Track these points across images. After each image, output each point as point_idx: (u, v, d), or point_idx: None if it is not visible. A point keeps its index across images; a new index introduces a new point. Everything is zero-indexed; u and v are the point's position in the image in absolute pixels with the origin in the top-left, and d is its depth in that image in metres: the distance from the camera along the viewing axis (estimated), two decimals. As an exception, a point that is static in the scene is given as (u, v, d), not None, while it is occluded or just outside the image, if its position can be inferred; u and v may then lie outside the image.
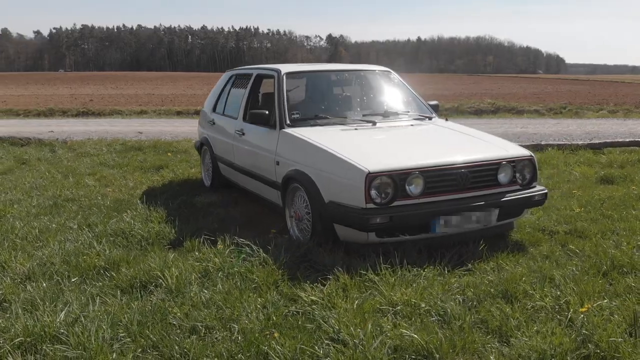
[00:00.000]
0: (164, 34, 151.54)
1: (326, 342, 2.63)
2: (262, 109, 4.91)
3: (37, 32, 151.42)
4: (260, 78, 5.48)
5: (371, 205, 3.67)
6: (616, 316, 2.79)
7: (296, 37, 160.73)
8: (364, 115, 4.83)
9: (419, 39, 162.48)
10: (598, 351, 2.52)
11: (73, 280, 3.51)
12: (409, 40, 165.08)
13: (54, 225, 4.74)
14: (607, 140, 8.35)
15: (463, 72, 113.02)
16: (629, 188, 5.81)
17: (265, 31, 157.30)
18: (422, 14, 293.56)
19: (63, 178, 6.96)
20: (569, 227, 4.51)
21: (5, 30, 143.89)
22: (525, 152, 4.22)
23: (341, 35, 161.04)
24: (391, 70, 5.56)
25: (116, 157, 8.26)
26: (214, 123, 6.17)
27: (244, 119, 5.30)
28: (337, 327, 2.74)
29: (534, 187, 4.23)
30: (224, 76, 6.42)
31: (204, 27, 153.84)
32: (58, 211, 5.28)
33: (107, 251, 3.97)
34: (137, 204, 5.42)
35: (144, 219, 4.84)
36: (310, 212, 4.04)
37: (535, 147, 8.30)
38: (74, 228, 4.63)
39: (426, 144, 4.32)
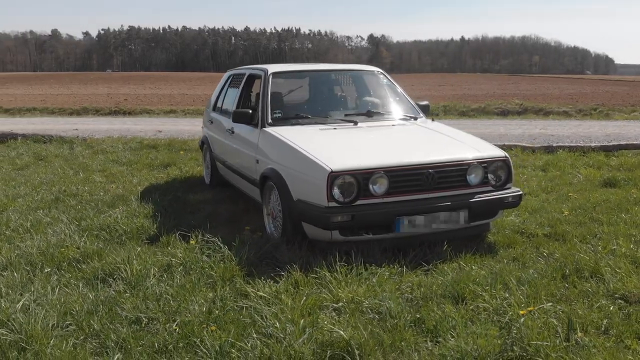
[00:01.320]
0: (208, 35, 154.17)
1: (257, 336, 2.69)
2: (248, 108, 5.00)
3: (86, 33, 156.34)
4: (252, 78, 5.57)
5: (333, 204, 3.71)
6: (554, 320, 2.74)
7: (337, 37, 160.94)
8: (346, 115, 4.85)
9: (462, 38, 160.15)
10: (524, 354, 2.49)
11: (46, 270, 3.67)
12: (452, 39, 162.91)
13: (47, 218, 4.94)
14: (621, 143, 8.10)
15: (508, 73, 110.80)
16: (629, 192, 5.65)
17: (307, 32, 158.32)
18: (467, 13, 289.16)
19: (74, 174, 7.22)
20: (550, 230, 4.42)
21: (55, 32, 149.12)
22: (500, 153, 4.17)
23: (383, 35, 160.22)
24: (381, 71, 5.56)
25: (129, 155, 8.50)
26: (212, 122, 6.30)
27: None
28: (272, 322, 2.79)
29: (509, 188, 4.17)
30: (225, 76, 6.54)
31: (247, 29, 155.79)
32: (57, 206, 5.50)
33: (86, 244, 4.12)
34: (132, 200, 5.59)
35: (132, 214, 5.00)
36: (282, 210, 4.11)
37: (546, 149, 8.14)
38: (64, 222, 4.82)
39: (398, 144, 4.31)
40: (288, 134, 4.39)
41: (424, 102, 5.44)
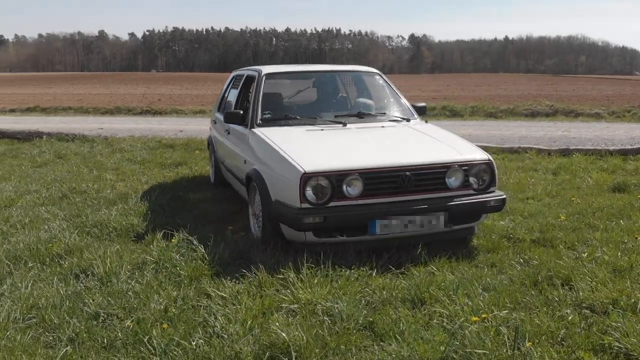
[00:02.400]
0: (249, 37, 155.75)
1: (204, 335, 2.72)
2: (243, 109, 5.05)
3: (132, 34, 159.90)
4: (249, 79, 5.62)
5: (306, 205, 3.70)
6: (504, 329, 2.67)
7: (378, 37, 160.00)
8: (335, 117, 4.84)
9: (506, 38, 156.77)
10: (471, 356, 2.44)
11: (29, 265, 3.80)
12: (495, 39, 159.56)
13: (47, 215, 5.10)
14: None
15: (553, 73, 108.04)
16: (636, 197, 5.44)
17: (347, 32, 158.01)
18: (511, 12, 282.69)
19: (88, 172, 7.42)
20: (539, 236, 4.31)
21: (102, 32, 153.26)
22: (482, 156, 4.08)
23: (424, 35, 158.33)
24: (378, 72, 5.52)
25: (145, 154, 8.68)
26: (215, 122, 6.38)
27: (228, 119, 5.46)
28: (222, 322, 2.82)
29: (492, 192, 4.08)
30: (230, 76, 6.61)
31: (287, 30, 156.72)
32: (61, 203, 5.67)
33: (75, 240, 4.24)
34: (132, 198, 5.71)
35: (127, 212, 5.11)
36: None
37: (562, 152, 7.92)
38: (60, 218, 4.96)
39: (380, 145, 4.27)
40: (272, 134, 4.41)
41: (421, 104, 5.37)
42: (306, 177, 3.69)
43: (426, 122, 5.08)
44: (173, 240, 4.14)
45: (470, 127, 11.27)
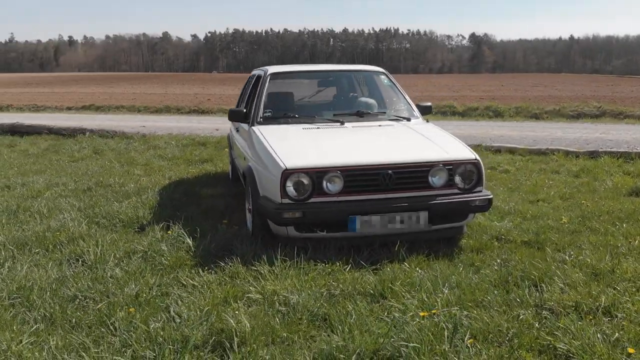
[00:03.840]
0: (307, 37, 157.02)
1: (162, 320, 2.87)
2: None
3: (194, 36, 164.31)
4: (259, 78, 5.77)
5: (287, 200, 3.81)
6: (449, 325, 2.69)
7: (437, 36, 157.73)
8: (334, 115, 4.92)
9: (571, 37, 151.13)
10: (396, 354, 2.49)
11: (35, 251, 4.08)
12: (560, 38, 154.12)
13: (65, 205, 5.43)
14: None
15: (620, 74, 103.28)
16: (651, 201, 5.25)
17: (405, 32, 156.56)
18: (577, 11, 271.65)
19: (119, 167, 7.79)
20: (531, 238, 4.25)
21: (165, 34, 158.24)
22: (468, 156, 4.07)
23: (485, 34, 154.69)
24: (384, 71, 5.55)
25: (176, 151, 9.00)
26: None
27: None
28: (182, 308, 2.97)
29: (478, 191, 4.06)
30: (249, 76, 6.80)
31: (345, 30, 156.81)
32: (83, 195, 6.00)
33: (80, 230, 4.51)
34: (150, 192, 5.98)
35: (138, 204, 5.37)
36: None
37: (590, 154, 7.67)
38: (76, 209, 5.27)
39: (367, 144, 4.32)
40: (268, 132, 4.55)
41: (427, 104, 5.39)
42: (287, 173, 3.80)
43: (427, 121, 5.08)
44: (169, 232, 4.35)
45: (505, 128, 11.05)
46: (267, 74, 5.22)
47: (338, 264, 3.61)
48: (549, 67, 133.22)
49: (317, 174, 3.81)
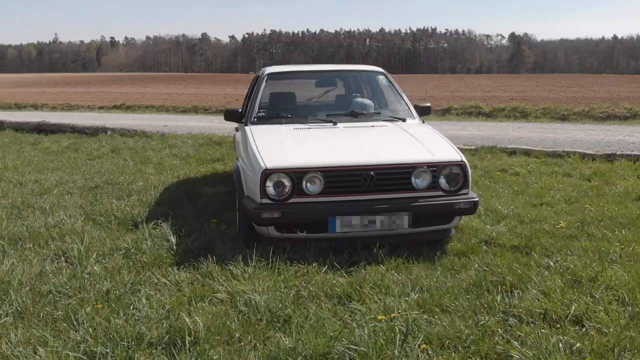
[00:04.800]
0: (343, 38, 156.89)
1: (124, 316, 2.91)
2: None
3: (232, 37, 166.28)
4: (257, 78, 5.80)
5: (266, 200, 3.81)
6: (403, 328, 2.64)
7: (475, 36, 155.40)
8: (328, 115, 4.89)
9: (615, 37, 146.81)
10: (345, 358, 2.45)
11: (27, 246, 4.19)
12: (603, 38, 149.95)
13: (67, 203, 5.55)
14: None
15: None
16: (659, 206, 5.04)
17: (443, 31, 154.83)
18: (621, 10, 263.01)
19: (133, 165, 7.91)
20: (521, 242, 4.14)
21: (204, 35, 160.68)
22: (454, 158, 3.98)
23: (525, 34, 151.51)
24: (383, 71, 5.50)
25: (191, 150, 9.11)
26: (237, 121, 6.62)
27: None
28: (146, 306, 3.00)
29: (464, 194, 3.97)
30: (254, 77, 6.84)
31: (381, 30, 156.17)
32: (89, 193, 6.12)
33: (73, 226, 4.61)
34: (154, 190, 6.07)
35: (137, 202, 5.45)
36: None
37: (607, 157, 7.43)
38: (76, 206, 5.38)
39: (354, 144, 4.29)
40: (259, 132, 4.55)
41: (426, 104, 5.30)
42: (267, 173, 3.79)
43: (422, 122, 5.00)
44: (158, 230, 4.40)
45: (526, 130, 10.80)
46: (264, 74, 5.23)
47: (314, 265, 3.58)
48: (591, 68, 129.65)
49: (297, 175, 3.80)
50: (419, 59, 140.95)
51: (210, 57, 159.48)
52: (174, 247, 3.97)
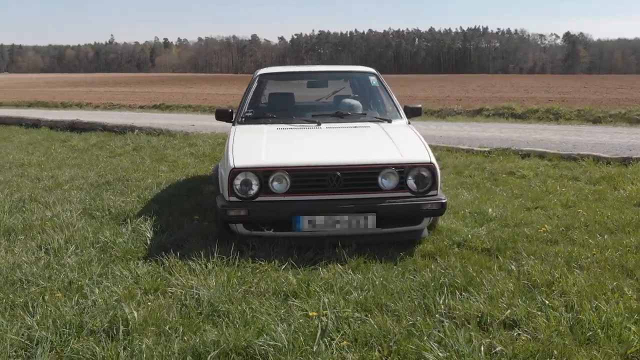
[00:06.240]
0: (392, 38, 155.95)
1: (75, 305, 3.06)
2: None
3: (281, 38, 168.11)
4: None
5: (234, 199, 3.91)
6: (330, 325, 2.68)
7: (529, 35, 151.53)
8: (313, 116, 4.95)
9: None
10: (263, 352, 2.52)
11: (20, 237, 4.43)
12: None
13: (72, 197, 5.81)
14: None
15: None
16: (655, 213, 4.86)
17: (495, 31, 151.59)
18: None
19: (150, 163, 8.18)
20: (494, 245, 4.08)
21: (254, 37, 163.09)
22: (423, 159, 3.97)
23: (580, 33, 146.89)
24: (374, 72, 5.50)
25: (207, 148, 9.31)
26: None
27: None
28: (97, 297, 3.15)
29: (432, 195, 3.96)
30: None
31: (431, 29, 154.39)
32: (96, 188, 6.37)
33: (67, 220, 4.84)
34: (158, 187, 6.27)
35: (136, 199, 5.65)
36: None
37: (622, 161, 7.18)
38: (78, 201, 5.63)
39: (328, 144, 4.33)
40: (241, 131, 4.67)
41: (417, 105, 5.28)
42: (235, 172, 3.89)
43: (408, 123, 4.99)
44: (141, 225, 4.57)
45: (549, 132, 10.52)
46: (257, 75, 5.34)
47: (275, 262, 3.66)
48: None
49: (265, 173, 3.88)
50: (469, 59, 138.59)
51: (259, 58, 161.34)
52: (148, 242, 4.11)
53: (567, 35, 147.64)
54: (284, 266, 3.62)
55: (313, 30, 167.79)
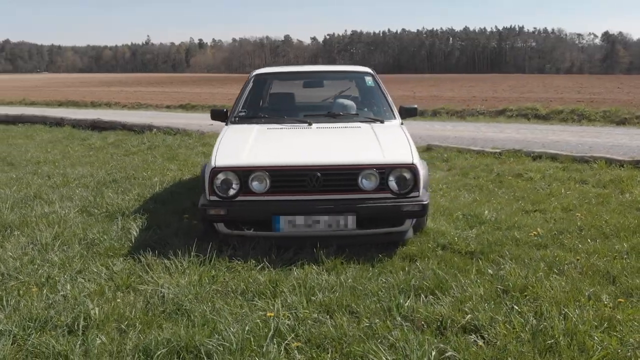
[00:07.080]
0: (425, 37, 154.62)
1: (49, 300, 3.13)
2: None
3: (313, 38, 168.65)
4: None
5: (214, 198, 3.94)
6: (283, 327, 2.67)
7: (566, 35, 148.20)
8: (304, 116, 4.94)
9: None
10: (210, 351, 2.53)
11: (15, 233, 4.56)
12: None
13: (75, 195, 5.94)
14: None
15: None
16: (655, 217, 4.70)
17: (531, 30, 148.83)
18: None
19: (161, 162, 8.31)
20: (478, 248, 4.01)
21: (287, 37, 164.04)
22: (405, 160, 3.92)
23: (620, 32, 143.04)
24: (371, 72, 5.46)
25: (220, 148, 9.39)
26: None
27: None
28: (69, 293, 3.21)
29: (415, 197, 3.90)
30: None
31: (465, 28, 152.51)
32: (103, 186, 6.50)
33: (63, 216, 4.95)
34: (162, 185, 6.37)
35: (136, 197, 5.75)
36: None
37: (635, 164, 6.96)
38: (79, 198, 5.75)
39: (312, 144, 4.31)
40: (232, 131, 4.69)
41: (413, 106, 5.23)
42: (215, 171, 3.92)
43: (401, 124, 4.94)
44: (131, 222, 4.64)
45: (567, 133, 10.28)
46: (252, 75, 5.37)
47: (251, 262, 3.67)
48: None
49: (244, 173, 3.89)
50: (504, 58, 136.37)
51: (292, 58, 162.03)
52: (133, 240, 4.17)
53: (606, 35, 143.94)
54: (259, 266, 3.63)
55: (345, 30, 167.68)
